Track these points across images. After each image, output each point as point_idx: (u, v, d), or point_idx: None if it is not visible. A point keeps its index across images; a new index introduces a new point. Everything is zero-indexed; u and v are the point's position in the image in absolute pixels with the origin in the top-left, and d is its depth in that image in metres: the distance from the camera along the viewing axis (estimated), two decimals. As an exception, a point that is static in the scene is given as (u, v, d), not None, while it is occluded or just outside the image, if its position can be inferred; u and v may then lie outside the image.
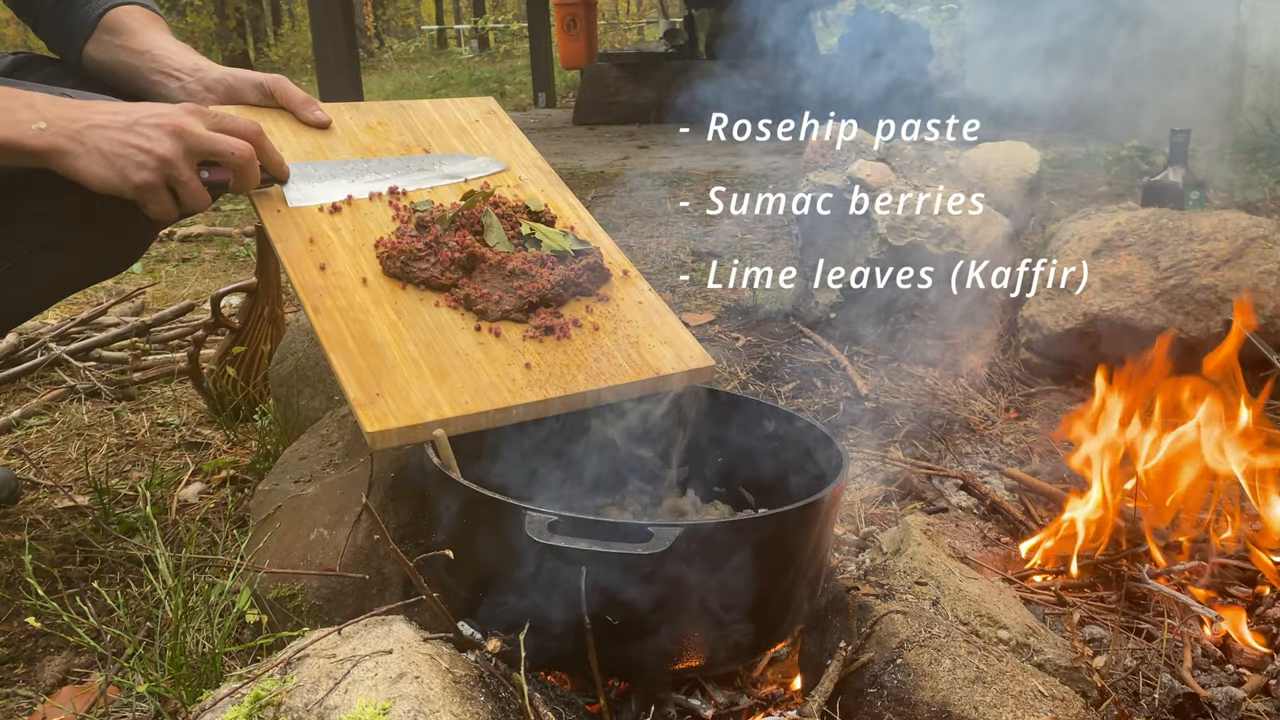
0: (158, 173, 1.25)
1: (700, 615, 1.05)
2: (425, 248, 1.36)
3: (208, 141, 1.29)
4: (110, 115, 1.26)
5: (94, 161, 1.23)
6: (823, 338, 2.56)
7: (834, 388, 2.34)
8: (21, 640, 1.50)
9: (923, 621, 1.09)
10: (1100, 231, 2.34)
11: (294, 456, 1.53)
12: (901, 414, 2.21)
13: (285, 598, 1.32)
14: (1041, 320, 2.33)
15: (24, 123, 1.21)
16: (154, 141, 1.25)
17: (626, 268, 1.53)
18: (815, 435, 1.30)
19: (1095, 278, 2.26)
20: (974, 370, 2.41)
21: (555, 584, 1.02)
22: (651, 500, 1.45)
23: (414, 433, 1.18)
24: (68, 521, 1.81)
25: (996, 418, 2.24)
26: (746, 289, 3.09)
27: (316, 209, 1.45)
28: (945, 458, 2.02)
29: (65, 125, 1.23)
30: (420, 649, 1.02)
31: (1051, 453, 2.09)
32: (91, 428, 2.16)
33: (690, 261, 3.53)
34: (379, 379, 1.22)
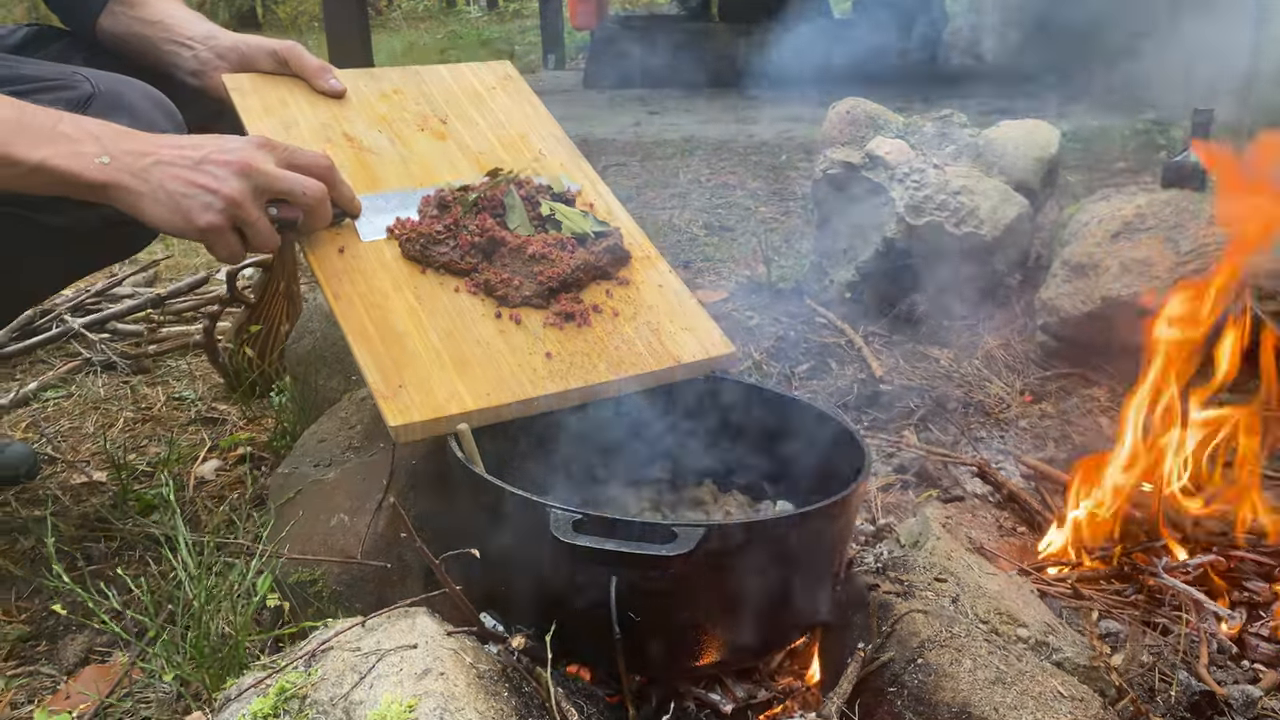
0: (224, 215, 1.19)
1: (722, 613, 1.05)
2: (445, 230, 1.35)
3: (278, 180, 1.23)
4: (177, 151, 1.20)
5: (158, 202, 1.18)
6: (837, 317, 2.55)
7: (848, 369, 2.34)
8: (43, 618, 1.52)
9: (944, 621, 1.09)
10: (1120, 214, 2.32)
11: (313, 439, 1.54)
12: (916, 397, 2.20)
13: (306, 583, 1.33)
14: (1059, 303, 2.31)
15: (86, 155, 1.16)
16: (221, 181, 1.18)
17: (647, 249, 1.52)
18: (837, 428, 1.30)
19: (1114, 261, 2.25)
20: (989, 352, 2.40)
21: (579, 581, 1.02)
22: (668, 488, 1.45)
23: (437, 425, 1.18)
24: (86, 497, 1.82)
25: (1011, 401, 2.23)
26: (760, 265, 3.07)
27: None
28: (960, 442, 2.02)
29: (129, 161, 1.18)
30: (444, 643, 1.03)
31: (1066, 438, 2.08)
32: (107, 401, 2.16)
33: (703, 235, 3.51)
34: (401, 370, 1.22)
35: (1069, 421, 2.14)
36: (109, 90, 1.43)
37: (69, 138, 1.16)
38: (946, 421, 2.11)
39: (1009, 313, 2.50)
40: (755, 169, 4.63)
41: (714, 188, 4.29)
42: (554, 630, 1.07)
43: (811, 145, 5.19)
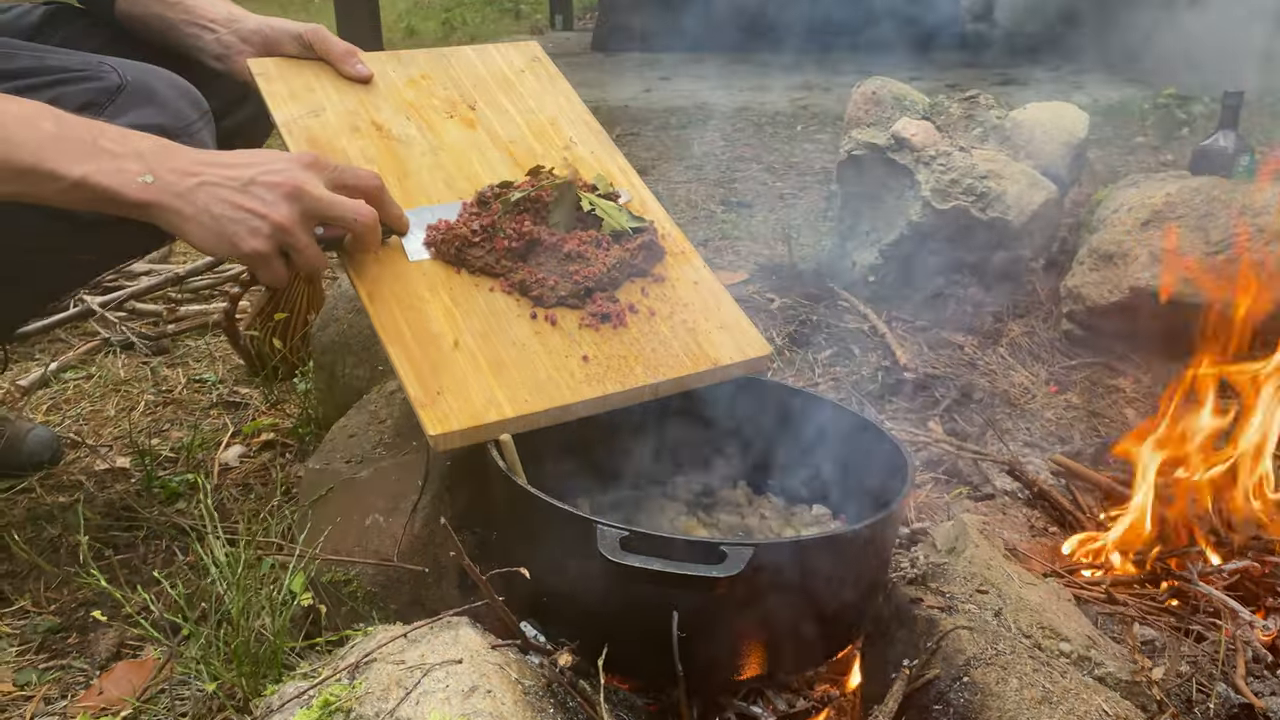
0: (271, 240, 1.16)
1: (767, 628, 1.05)
2: (480, 231, 1.32)
3: (328, 206, 1.19)
4: (223, 171, 1.16)
5: (203, 225, 1.14)
6: (860, 301, 2.53)
7: (872, 356, 2.32)
8: (73, 609, 1.51)
9: (988, 637, 1.09)
10: (1150, 202, 2.29)
11: (343, 434, 1.53)
12: (941, 386, 2.19)
13: (340, 582, 1.32)
14: (1085, 292, 2.29)
15: (129, 173, 1.12)
16: (270, 206, 1.15)
17: (681, 244, 1.50)
18: (874, 433, 1.29)
19: (1143, 250, 2.22)
20: (1014, 340, 2.39)
21: (625, 598, 1.02)
22: (702, 490, 1.44)
23: (476, 434, 1.17)
24: (110, 484, 1.81)
25: (1037, 391, 2.22)
26: (780, 244, 3.05)
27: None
28: (986, 434, 2.01)
29: (173, 182, 1.14)
30: (489, 657, 1.03)
31: (1093, 430, 2.07)
32: (128, 383, 2.15)
33: (720, 212, 3.48)
34: (438, 375, 1.21)
35: (1095, 413, 2.13)
36: (136, 80, 1.40)
37: (111, 154, 1.12)
38: (972, 412, 2.10)
39: (1033, 298, 2.48)
40: (771, 141, 4.58)
41: (730, 161, 4.25)
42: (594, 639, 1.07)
43: (826, 115, 5.15)
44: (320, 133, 1.47)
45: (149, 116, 1.40)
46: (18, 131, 1.10)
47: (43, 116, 1.13)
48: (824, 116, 5.12)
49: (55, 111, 1.14)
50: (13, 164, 1.09)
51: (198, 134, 1.46)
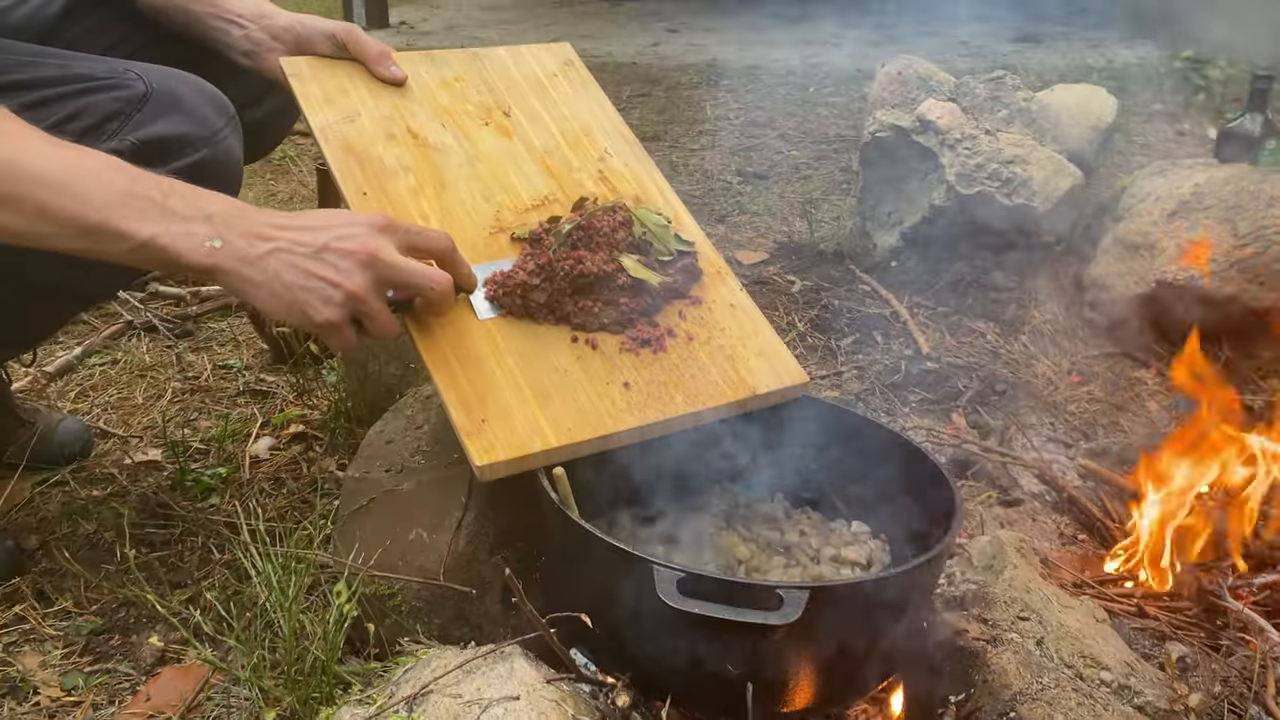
0: (344, 309, 1.12)
1: (817, 664, 1.07)
2: (538, 270, 1.30)
3: (402, 274, 1.15)
4: (295, 237, 1.12)
5: (273, 294, 1.10)
6: (882, 285, 2.53)
7: (894, 343, 2.33)
8: (114, 610, 1.53)
9: (1033, 670, 1.11)
10: (1178, 192, 2.28)
11: (380, 439, 1.53)
12: (964, 376, 2.20)
13: (384, 595, 1.34)
14: (1110, 282, 2.29)
15: (197, 236, 1.09)
16: (344, 274, 1.11)
17: (717, 264, 1.49)
18: (919, 457, 1.30)
19: (1170, 243, 2.22)
20: (1036, 327, 2.39)
21: (679, 637, 1.03)
22: (738, 503, 1.45)
23: (521, 464, 1.18)
24: (143, 477, 1.82)
25: (1059, 382, 2.23)
26: (798, 220, 3.04)
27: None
28: (1010, 429, 2.02)
29: (242, 247, 1.10)
30: (545, 693, 1.04)
31: (1116, 425, 2.09)
32: (153, 369, 2.15)
33: (736, 183, 3.45)
34: (483, 401, 1.21)
35: (1118, 407, 2.14)
36: (162, 88, 1.38)
37: (180, 215, 1.09)
38: (995, 405, 2.11)
39: (1056, 285, 2.48)
40: (784, 104, 4.53)
41: (743, 126, 4.21)
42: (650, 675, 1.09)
43: (838, 75, 5.09)
44: (356, 140, 1.46)
45: (175, 125, 1.38)
46: (89, 187, 1.07)
47: (116, 172, 1.10)
48: (836, 76, 5.06)
49: (127, 167, 1.11)
50: (80, 221, 1.06)
51: (224, 141, 1.44)
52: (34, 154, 1.07)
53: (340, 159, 1.43)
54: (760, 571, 1.29)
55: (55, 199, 1.05)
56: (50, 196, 1.05)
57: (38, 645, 1.47)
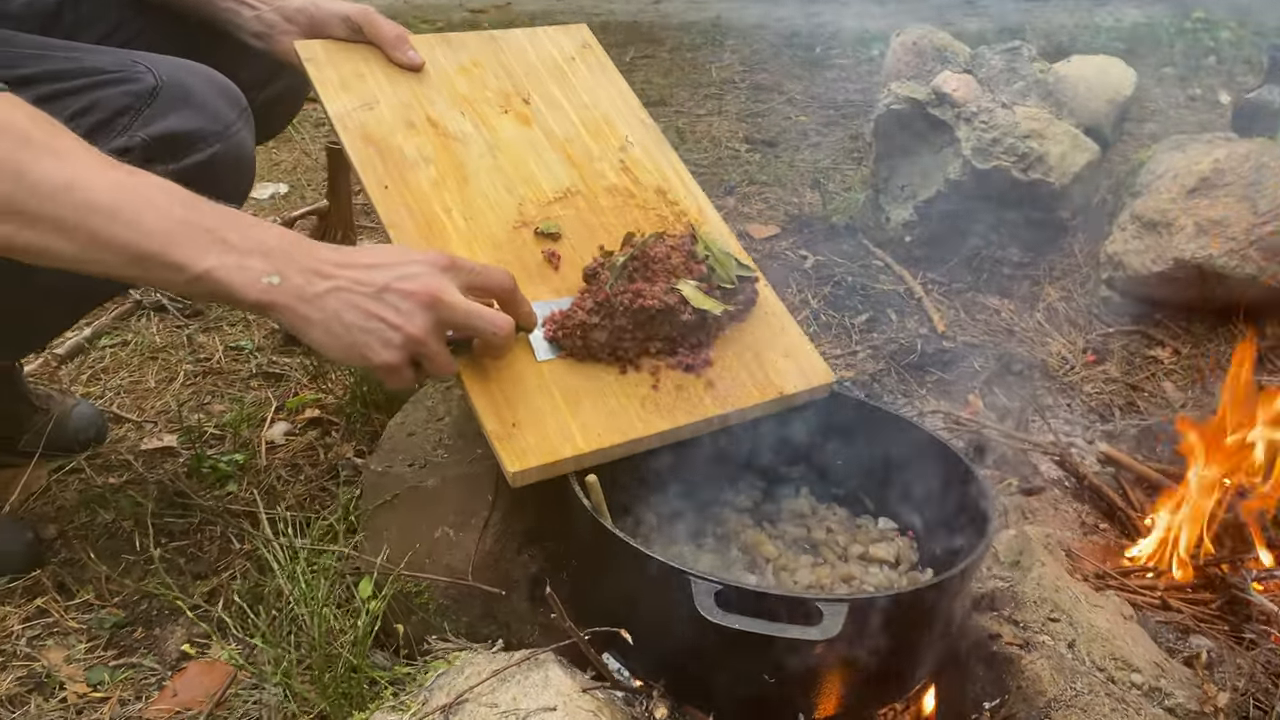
0: (404, 351, 1.08)
1: (853, 672, 1.07)
2: (596, 308, 1.25)
3: (464, 316, 1.11)
4: (355, 275, 1.07)
5: (331, 334, 1.06)
6: (895, 261, 2.51)
7: (909, 321, 2.31)
8: (136, 602, 1.53)
9: (1066, 675, 1.11)
10: (1197, 168, 2.25)
11: (401, 431, 1.52)
12: (980, 356, 2.19)
13: (411, 593, 1.34)
14: (1127, 260, 2.27)
15: (253, 271, 1.04)
16: (404, 316, 1.07)
17: (748, 263, 1.47)
18: (950, 459, 1.29)
19: (1189, 220, 2.20)
20: (1051, 305, 2.38)
21: (716, 649, 1.03)
22: (763, 497, 1.44)
23: (552, 469, 1.17)
24: (159, 463, 1.81)
25: (1075, 361, 2.22)
26: (809, 191, 3.01)
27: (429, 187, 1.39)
28: (1027, 411, 2.02)
29: (301, 285, 1.05)
30: (581, 703, 1.04)
31: (1132, 406, 2.08)
32: (164, 350, 2.13)
33: (744, 151, 3.41)
34: (513, 406, 1.20)
35: (1134, 387, 2.13)
36: (172, 81, 1.35)
37: (237, 249, 1.04)
38: (1011, 386, 2.10)
39: (1071, 261, 2.47)
40: (791, 66, 4.47)
41: (749, 89, 4.15)
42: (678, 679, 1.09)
43: (844, 36, 5.02)
44: (376, 129, 1.43)
45: (186, 120, 1.35)
46: (144, 215, 1.02)
47: (171, 198, 1.04)
48: (842, 37, 4.98)
49: (181, 192, 1.06)
50: (134, 249, 1.01)
51: (236, 135, 1.41)
52: (88, 176, 1.02)
53: (360, 149, 1.40)
54: (788, 571, 1.29)
55: (108, 226, 1.00)
56: (103, 223, 1.00)
57: (61, 639, 1.46)
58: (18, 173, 0.99)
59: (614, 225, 1.45)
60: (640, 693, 1.09)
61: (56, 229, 1.00)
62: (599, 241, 1.42)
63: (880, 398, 2.04)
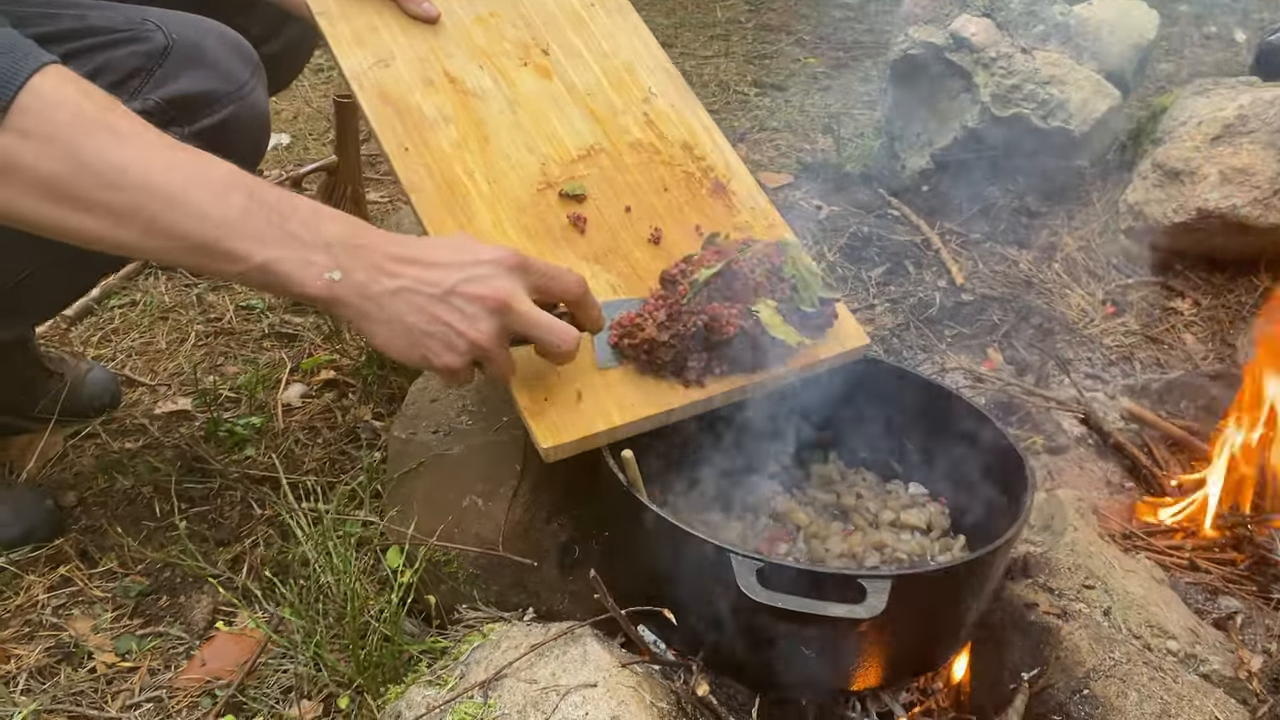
0: (468, 357, 1.05)
1: (892, 645, 1.06)
2: (669, 324, 1.19)
3: (531, 327, 1.06)
4: (422, 275, 1.03)
5: (393, 333, 1.03)
6: (912, 211, 2.47)
7: (926, 273, 2.29)
8: (159, 570, 1.52)
9: (1105, 645, 1.11)
10: (1220, 115, 2.21)
11: (424, 397, 1.50)
12: (999, 309, 2.16)
13: (439, 562, 1.33)
14: (1148, 210, 2.24)
15: (315, 266, 0.99)
16: (470, 321, 1.03)
17: (772, 217, 1.43)
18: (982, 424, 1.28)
19: (1213, 169, 2.16)
20: (1069, 255, 2.35)
21: (756, 626, 1.02)
22: (791, 462, 1.43)
23: (586, 443, 1.15)
24: (175, 427, 1.80)
25: (1094, 313, 2.20)
26: (820, 136, 2.96)
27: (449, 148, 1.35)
28: (1047, 365, 2.00)
29: (364, 283, 1.01)
30: (621, 679, 1.04)
31: (1153, 360, 2.07)
32: (174, 310, 2.10)
33: (753, 95, 3.35)
34: (545, 379, 1.18)
35: (1154, 340, 2.12)
36: (184, 40, 1.31)
37: (300, 241, 0.99)
38: (1031, 339, 2.08)
39: (1089, 210, 2.43)
40: (798, 5, 4.38)
41: (756, 30, 4.07)
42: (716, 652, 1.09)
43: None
44: (393, 87, 1.39)
45: (200, 81, 1.31)
46: (204, 201, 0.97)
47: (232, 183, 0.99)
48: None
49: (242, 175, 1.00)
50: (193, 238, 0.97)
51: (251, 94, 1.37)
52: (145, 158, 0.97)
53: (377, 109, 1.37)
54: (819, 539, 1.28)
55: (166, 213, 0.96)
56: (160, 210, 0.96)
57: (87, 608, 1.46)
58: (70, 153, 0.94)
59: (640, 184, 1.42)
60: (678, 666, 1.09)
61: (111, 215, 0.96)
62: (625, 202, 1.39)
63: (900, 354, 2.02)
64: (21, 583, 1.48)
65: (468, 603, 1.32)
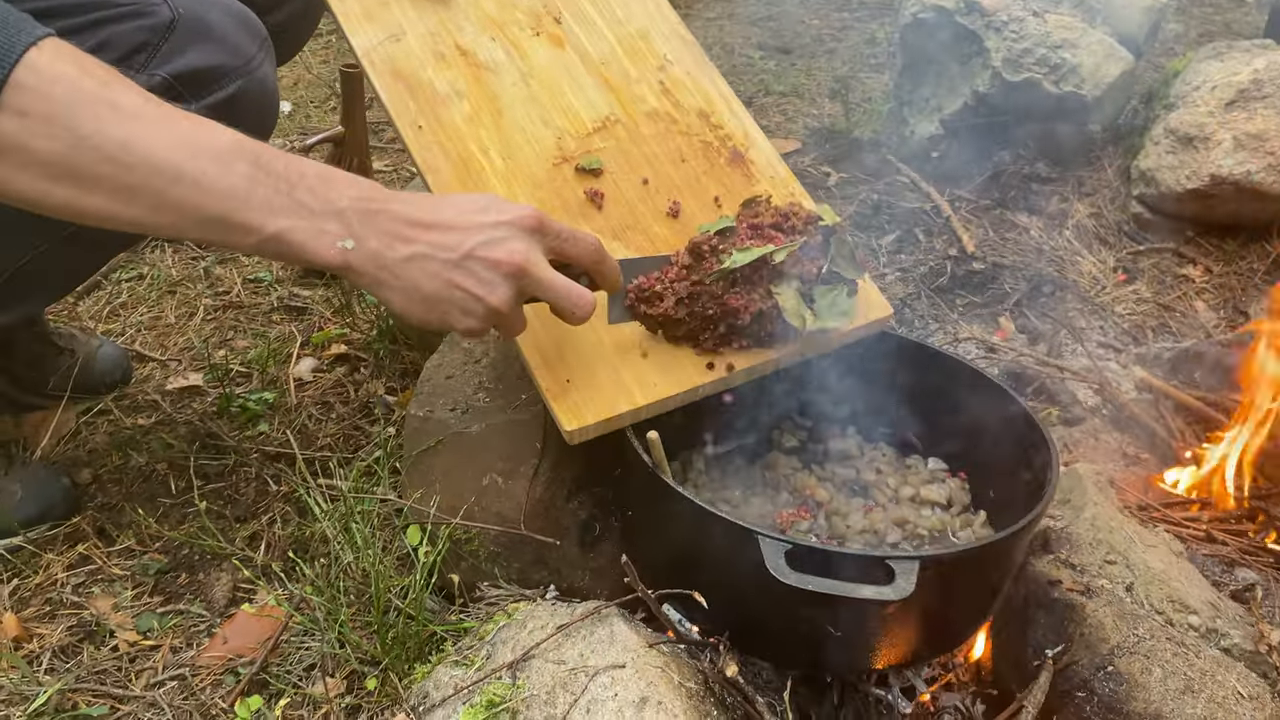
0: (486, 322, 1.03)
1: (917, 624, 1.07)
2: (688, 300, 1.17)
3: (548, 291, 1.05)
4: (437, 239, 1.01)
5: (409, 299, 1.01)
6: (921, 177, 2.45)
7: (937, 241, 2.27)
8: (177, 547, 1.52)
9: (1128, 621, 1.11)
10: (1235, 80, 2.19)
11: (439, 374, 1.49)
12: (1010, 277, 2.16)
13: (460, 540, 1.33)
14: (1160, 176, 2.22)
15: (328, 235, 0.98)
16: (487, 287, 1.01)
17: (791, 186, 1.42)
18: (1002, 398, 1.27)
19: (1227, 134, 2.14)
20: (1080, 222, 2.33)
21: (784, 606, 1.03)
22: (809, 436, 1.43)
23: (609, 425, 1.15)
24: (186, 402, 1.79)
25: (1106, 281, 2.19)
26: (828, 101, 2.93)
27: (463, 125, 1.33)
28: (1059, 334, 2.00)
29: (378, 250, 0.99)
30: (649, 659, 1.04)
31: (1165, 328, 2.06)
32: (181, 283, 2.09)
33: (759, 59, 3.31)
34: (565, 360, 1.17)
35: (1166, 307, 2.11)
36: (189, 14, 1.28)
37: (310, 209, 0.97)
38: (1043, 308, 2.08)
39: (1100, 176, 2.42)
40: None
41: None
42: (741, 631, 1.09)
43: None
44: (404, 63, 1.37)
45: (206, 56, 1.29)
46: (210, 173, 0.94)
47: (238, 152, 0.96)
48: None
49: (254, 148, 0.98)
50: (202, 212, 0.94)
51: (258, 69, 1.35)
52: (148, 132, 0.94)
53: (389, 86, 1.35)
54: (840, 515, 1.28)
55: (172, 188, 0.94)
56: (166, 185, 0.93)
57: (107, 586, 1.46)
58: (70, 131, 0.91)
59: (657, 155, 1.40)
60: (705, 645, 1.09)
61: (117, 192, 0.94)
62: (642, 175, 1.37)
63: (911, 324, 2.02)
64: (40, 561, 1.48)
65: (489, 580, 1.33)
